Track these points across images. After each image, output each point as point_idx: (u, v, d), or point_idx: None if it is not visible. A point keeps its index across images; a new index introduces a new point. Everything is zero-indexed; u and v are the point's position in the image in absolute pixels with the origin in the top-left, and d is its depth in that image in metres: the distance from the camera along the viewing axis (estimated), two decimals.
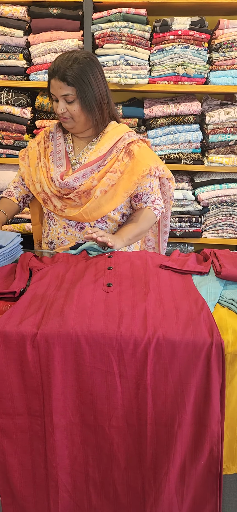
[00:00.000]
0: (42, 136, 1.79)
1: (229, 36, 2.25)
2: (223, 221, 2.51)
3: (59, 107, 1.60)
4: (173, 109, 2.35)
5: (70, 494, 1.13)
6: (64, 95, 1.57)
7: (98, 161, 1.63)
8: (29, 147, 1.79)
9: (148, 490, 1.12)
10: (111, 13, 2.24)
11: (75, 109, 1.60)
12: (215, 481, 1.10)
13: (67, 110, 1.60)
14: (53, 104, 1.65)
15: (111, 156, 1.65)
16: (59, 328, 1.08)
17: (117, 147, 1.66)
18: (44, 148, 1.75)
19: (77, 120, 1.63)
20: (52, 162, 1.70)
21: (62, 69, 1.55)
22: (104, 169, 1.64)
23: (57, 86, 1.57)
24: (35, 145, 1.78)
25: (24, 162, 1.79)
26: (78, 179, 1.62)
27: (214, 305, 1.19)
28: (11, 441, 1.12)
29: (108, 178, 1.63)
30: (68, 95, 1.57)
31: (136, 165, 1.64)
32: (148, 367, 1.06)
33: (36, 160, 1.74)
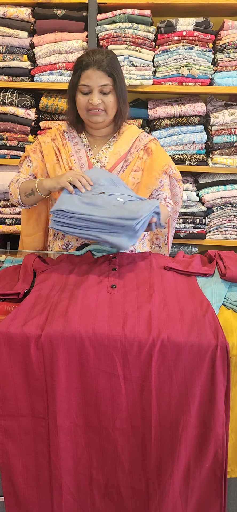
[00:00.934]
0: (55, 133, 1.74)
1: (233, 37, 2.24)
2: (227, 222, 2.50)
3: (96, 98, 1.58)
4: (178, 110, 2.35)
5: (74, 496, 1.13)
6: (102, 85, 1.58)
7: (120, 162, 1.67)
8: (42, 142, 1.72)
9: (152, 492, 1.11)
10: (115, 14, 2.24)
11: (111, 101, 1.61)
12: (220, 484, 1.09)
13: (102, 101, 1.60)
14: (81, 99, 1.61)
15: (133, 156, 1.69)
16: (63, 329, 1.07)
17: (137, 146, 1.70)
18: (62, 146, 1.70)
19: (110, 113, 1.63)
20: (75, 162, 1.67)
21: (101, 59, 1.56)
22: (128, 168, 1.67)
23: (95, 76, 1.57)
24: (49, 140, 1.72)
25: (36, 155, 1.72)
26: None
27: (219, 307, 1.18)
28: (15, 442, 1.11)
29: (133, 177, 1.67)
30: (106, 86, 1.58)
31: (154, 161, 1.68)
32: (152, 369, 1.05)
33: (54, 156, 1.69)
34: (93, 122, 1.64)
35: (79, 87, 1.60)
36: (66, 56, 2.31)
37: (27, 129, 2.40)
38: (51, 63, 2.32)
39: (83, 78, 1.58)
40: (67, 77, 2.33)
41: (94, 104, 1.58)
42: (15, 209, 2.52)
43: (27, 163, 1.75)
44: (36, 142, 1.76)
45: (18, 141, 2.43)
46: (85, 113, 1.63)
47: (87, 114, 1.63)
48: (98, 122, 1.64)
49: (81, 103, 1.62)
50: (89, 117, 1.63)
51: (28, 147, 1.76)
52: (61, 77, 2.34)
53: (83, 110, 1.63)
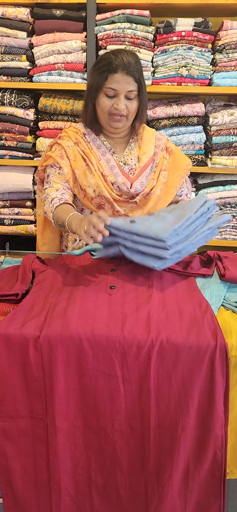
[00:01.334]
0: (76, 136, 1.67)
1: (233, 37, 2.24)
2: (226, 223, 2.50)
3: (122, 103, 1.55)
4: (177, 111, 2.34)
5: (73, 498, 1.13)
6: (129, 91, 1.55)
7: (151, 162, 1.67)
8: (66, 146, 1.63)
9: (151, 494, 1.11)
10: (114, 15, 2.24)
11: (134, 106, 1.60)
12: (219, 486, 1.09)
13: (126, 107, 1.58)
14: (105, 102, 1.57)
15: (159, 156, 1.70)
16: (62, 330, 1.07)
17: (158, 146, 1.71)
18: (89, 149, 1.65)
19: (131, 118, 1.62)
20: (105, 166, 1.64)
21: (129, 63, 1.53)
22: (158, 168, 1.68)
23: (124, 81, 1.54)
24: (72, 144, 1.65)
25: (64, 161, 1.62)
26: (143, 183, 1.65)
27: (218, 308, 1.18)
28: (14, 444, 1.11)
29: (163, 176, 1.68)
30: (132, 91, 1.56)
31: (177, 160, 1.71)
32: (151, 370, 1.05)
33: (82, 162, 1.63)
34: (114, 127, 1.62)
35: (105, 90, 1.56)
36: (65, 57, 2.31)
37: (26, 130, 2.40)
38: (50, 63, 2.32)
39: (111, 81, 1.54)
40: (66, 77, 2.33)
41: (119, 110, 1.56)
42: (14, 210, 2.52)
43: (56, 171, 1.65)
44: (59, 148, 1.66)
45: (17, 142, 2.42)
46: (107, 117, 1.60)
47: (109, 118, 1.60)
48: (119, 127, 1.63)
49: (105, 106, 1.58)
50: (111, 121, 1.61)
51: (51, 153, 1.66)
52: (60, 77, 2.33)
53: (105, 113, 1.60)
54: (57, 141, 1.69)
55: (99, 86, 1.57)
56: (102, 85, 1.57)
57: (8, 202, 2.51)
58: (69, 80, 2.34)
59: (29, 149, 2.44)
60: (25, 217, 2.52)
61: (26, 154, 2.45)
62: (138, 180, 1.63)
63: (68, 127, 1.75)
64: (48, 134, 2.41)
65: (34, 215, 2.51)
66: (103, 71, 1.55)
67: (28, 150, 2.44)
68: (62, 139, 1.69)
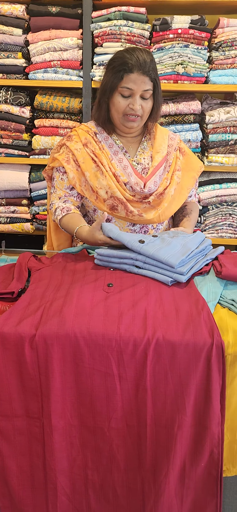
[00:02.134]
0: (86, 137, 1.64)
1: (229, 35, 2.24)
2: (222, 221, 2.50)
3: (137, 103, 1.54)
4: (173, 108, 2.34)
5: (69, 497, 1.12)
6: (144, 91, 1.54)
7: (164, 161, 1.66)
8: (74, 149, 1.61)
9: (147, 492, 1.11)
10: (110, 12, 2.23)
11: (149, 106, 1.58)
12: (215, 484, 1.09)
13: (141, 107, 1.56)
14: (121, 102, 1.55)
15: (172, 155, 1.69)
16: (58, 329, 1.06)
17: (171, 146, 1.70)
18: (100, 149, 1.62)
19: (145, 118, 1.61)
20: (117, 166, 1.61)
21: (145, 62, 1.51)
22: (172, 168, 1.68)
23: (140, 81, 1.52)
24: (80, 146, 1.62)
25: (70, 165, 1.61)
26: (157, 183, 1.63)
27: (215, 305, 1.18)
28: (9, 443, 1.10)
29: (177, 176, 1.67)
30: (148, 91, 1.55)
31: (189, 161, 1.72)
32: (147, 368, 1.05)
33: (92, 163, 1.60)
34: (128, 127, 1.60)
35: (120, 89, 1.54)
36: (60, 54, 2.30)
37: (21, 127, 2.39)
38: (46, 60, 2.31)
39: (127, 81, 1.52)
40: (62, 75, 2.32)
41: (135, 110, 1.54)
42: (9, 208, 2.51)
43: (59, 176, 1.64)
44: (67, 151, 1.63)
45: (13, 139, 2.41)
46: (121, 117, 1.58)
47: (123, 118, 1.58)
48: (133, 127, 1.61)
49: (121, 106, 1.56)
50: (125, 121, 1.59)
51: (58, 156, 1.63)
52: (56, 75, 2.32)
53: (120, 113, 1.57)
54: (66, 143, 1.66)
55: (114, 86, 1.54)
56: (118, 85, 1.54)
57: (4, 200, 2.50)
58: (65, 77, 2.33)
59: (25, 147, 2.43)
60: (21, 215, 2.52)
61: (22, 152, 2.44)
62: (152, 180, 1.61)
63: (80, 125, 1.73)
64: (44, 131, 2.40)
65: (30, 213, 2.50)
66: (119, 71, 1.52)
67: (24, 148, 2.43)
68: (71, 140, 1.65)
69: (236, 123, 2.33)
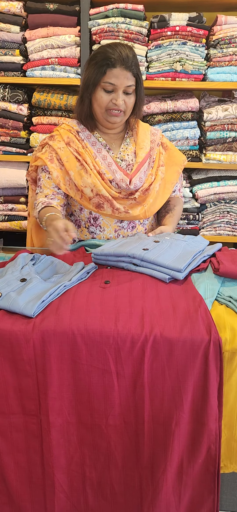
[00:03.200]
0: (68, 135, 1.63)
1: (227, 32, 2.24)
2: (220, 218, 2.50)
3: (120, 98, 1.54)
4: (171, 106, 2.34)
5: (67, 494, 1.12)
6: (127, 86, 1.54)
7: (148, 157, 1.66)
8: (57, 148, 1.60)
9: (145, 489, 1.11)
10: (108, 9, 2.23)
11: (131, 102, 1.59)
12: (213, 480, 1.09)
13: (124, 102, 1.56)
14: (103, 97, 1.54)
15: (155, 151, 1.69)
16: (55, 326, 1.06)
17: (154, 141, 1.71)
18: (83, 148, 1.60)
19: (128, 113, 1.61)
20: (101, 164, 1.60)
21: (129, 59, 1.52)
22: (156, 163, 1.68)
23: (123, 76, 1.52)
24: (63, 145, 1.61)
25: (54, 164, 1.59)
26: (142, 179, 1.63)
27: (212, 302, 1.18)
28: (6, 440, 1.10)
29: (161, 171, 1.68)
30: (131, 86, 1.55)
31: (172, 155, 1.72)
32: (145, 365, 1.05)
33: (76, 162, 1.58)
34: (111, 122, 1.60)
35: (103, 84, 1.53)
36: (58, 51, 2.29)
37: (19, 125, 2.38)
38: (44, 58, 2.30)
39: (109, 76, 1.51)
40: (60, 72, 2.32)
41: (118, 105, 1.54)
42: (7, 206, 2.50)
43: (46, 175, 1.62)
44: (50, 150, 1.62)
45: (11, 137, 2.41)
46: (104, 112, 1.58)
47: (106, 113, 1.58)
48: (116, 122, 1.61)
49: (103, 102, 1.55)
50: (108, 117, 1.58)
51: (40, 155, 1.62)
52: (53, 72, 2.32)
53: (102, 108, 1.57)
54: (48, 142, 1.65)
55: (97, 81, 1.54)
56: (100, 80, 1.53)
57: (2, 198, 2.50)
58: (62, 75, 2.32)
59: (23, 145, 2.42)
60: (19, 213, 2.51)
61: (20, 150, 2.44)
62: (137, 176, 1.61)
63: (61, 125, 1.71)
64: (42, 129, 2.40)
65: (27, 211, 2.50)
66: (101, 65, 1.52)
67: (22, 145, 2.43)
68: (53, 139, 1.64)
69: (234, 121, 2.33)
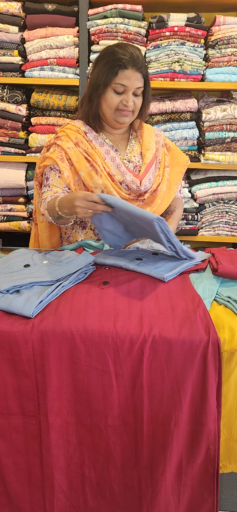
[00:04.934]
0: (76, 136, 1.61)
1: (225, 33, 2.24)
2: (219, 218, 2.50)
3: (131, 99, 1.55)
4: (169, 106, 2.34)
5: (66, 495, 1.12)
6: (137, 88, 1.55)
7: (154, 158, 1.67)
8: (66, 148, 1.58)
9: (144, 489, 1.11)
10: (106, 9, 2.23)
11: (140, 103, 1.60)
12: (212, 480, 1.09)
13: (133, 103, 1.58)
14: (114, 98, 1.54)
15: (160, 152, 1.70)
16: (54, 326, 1.06)
17: (158, 142, 1.72)
18: (92, 149, 1.60)
19: (136, 115, 1.63)
20: (111, 166, 1.60)
21: (139, 60, 1.53)
22: (162, 165, 1.69)
23: (134, 78, 1.52)
24: (72, 145, 1.59)
25: (65, 164, 1.57)
26: (151, 180, 1.64)
27: (211, 302, 1.18)
28: (5, 441, 1.10)
29: (167, 172, 1.69)
30: (140, 88, 1.56)
31: (176, 156, 1.72)
32: (144, 365, 1.05)
33: (86, 162, 1.57)
34: (120, 122, 1.60)
35: (114, 86, 1.53)
36: (57, 52, 2.29)
37: (18, 125, 2.38)
38: (42, 58, 2.30)
39: (121, 77, 1.51)
40: (58, 73, 2.32)
41: (128, 106, 1.55)
42: (6, 206, 2.50)
43: (56, 174, 1.60)
44: (59, 149, 1.60)
45: (9, 137, 2.41)
46: (113, 113, 1.58)
47: (115, 113, 1.58)
48: (125, 123, 1.62)
49: (113, 103, 1.55)
50: (117, 117, 1.58)
51: (50, 155, 1.60)
52: (52, 73, 2.32)
53: (112, 109, 1.57)
54: (56, 142, 1.62)
55: (108, 82, 1.53)
56: (111, 81, 1.53)
57: (1, 198, 2.50)
58: (61, 75, 2.32)
59: (22, 145, 2.42)
60: (18, 213, 2.51)
61: (19, 150, 2.43)
62: (146, 177, 1.62)
63: (66, 125, 1.69)
64: (41, 129, 2.40)
65: (26, 211, 2.50)
66: (113, 66, 1.51)
67: (21, 146, 2.42)
68: (60, 140, 1.62)
69: (232, 121, 2.34)
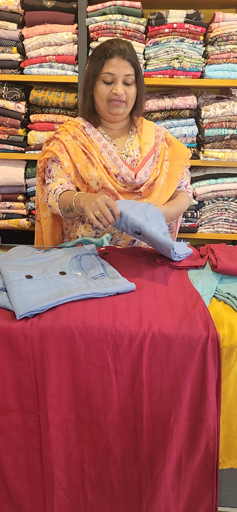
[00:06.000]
0: (74, 130, 1.64)
1: (224, 30, 2.24)
2: (218, 216, 2.50)
3: (120, 87, 1.56)
4: (169, 103, 2.34)
5: (66, 492, 1.13)
6: (126, 75, 1.56)
7: (152, 152, 1.67)
8: (64, 140, 1.61)
9: (144, 485, 1.11)
10: (105, 6, 2.22)
11: (132, 92, 1.60)
12: (212, 476, 1.09)
13: (124, 92, 1.58)
14: (103, 88, 1.57)
15: (160, 146, 1.70)
16: (53, 323, 1.06)
17: (158, 137, 1.72)
18: (89, 142, 1.63)
19: (130, 105, 1.62)
20: (107, 159, 1.62)
21: (125, 49, 1.55)
22: (161, 158, 1.69)
23: (121, 65, 1.55)
24: (70, 138, 1.63)
25: (64, 155, 1.60)
26: (147, 173, 1.64)
27: (210, 299, 1.18)
28: (5, 438, 1.10)
29: (166, 166, 1.69)
30: (130, 76, 1.57)
31: (176, 150, 1.71)
32: (143, 362, 1.05)
33: (83, 155, 1.60)
34: (114, 113, 1.61)
35: (102, 76, 1.56)
36: (56, 48, 2.29)
37: (17, 123, 2.38)
38: (41, 55, 2.30)
39: (108, 66, 1.55)
40: (57, 70, 2.31)
41: (118, 94, 1.56)
42: (5, 204, 2.50)
43: (58, 166, 1.63)
44: (58, 142, 1.63)
45: (8, 135, 2.40)
46: (106, 104, 1.60)
47: (108, 104, 1.59)
48: (119, 113, 1.62)
49: (104, 93, 1.57)
50: (110, 108, 1.60)
51: (49, 148, 1.64)
52: (51, 70, 2.31)
53: (104, 100, 1.59)
54: (55, 136, 1.66)
55: (96, 73, 1.57)
56: (99, 72, 1.56)
57: (0, 196, 2.49)
58: (60, 72, 2.32)
59: (21, 142, 2.42)
60: (17, 211, 2.51)
61: (18, 148, 2.43)
62: (142, 170, 1.63)
63: (67, 121, 1.72)
64: (40, 127, 2.40)
65: (26, 209, 2.50)
66: (99, 58, 1.56)
67: (20, 143, 2.42)
68: (59, 134, 1.66)
69: (231, 118, 2.33)
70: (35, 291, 1.13)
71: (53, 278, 1.19)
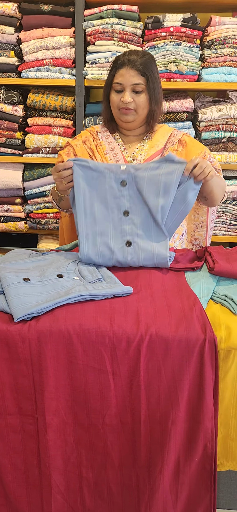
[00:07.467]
0: (86, 135, 1.77)
1: (221, 33, 2.25)
2: (216, 218, 2.51)
3: (127, 95, 1.61)
4: (166, 107, 2.35)
5: (64, 495, 1.12)
6: (134, 84, 1.61)
7: (158, 155, 1.69)
8: (74, 144, 1.75)
9: (142, 488, 1.11)
10: (102, 10, 2.23)
11: (142, 100, 1.64)
12: (210, 478, 1.09)
13: (133, 100, 1.62)
14: (114, 97, 1.65)
15: (169, 150, 1.71)
16: (51, 326, 1.06)
17: (171, 142, 1.73)
18: (95, 146, 1.73)
19: (140, 113, 1.66)
20: (110, 160, 1.69)
21: (135, 59, 1.61)
22: None
23: (128, 75, 1.61)
24: (80, 143, 1.75)
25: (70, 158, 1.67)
26: None
27: (207, 301, 1.19)
28: (3, 441, 1.10)
29: None
30: (139, 85, 1.61)
31: (190, 150, 1.72)
32: (141, 364, 1.05)
33: (88, 157, 1.70)
34: (123, 120, 1.67)
35: (113, 86, 1.65)
36: (53, 52, 2.29)
37: (14, 126, 2.38)
38: (38, 59, 2.30)
39: (117, 76, 1.63)
40: (55, 73, 2.32)
41: (125, 102, 1.61)
42: (3, 207, 2.50)
43: None
44: (69, 146, 1.77)
45: (6, 138, 2.41)
46: (117, 112, 1.66)
47: (119, 112, 1.66)
48: (128, 121, 1.66)
49: (114, 101, 1.66)
50: (121, 115, 1.66)
51: (61, 152, 1.78)
52: (48, 73, 2.32)
53: (115, 108, 1.66)
54: (69, 141, 1.80)
55: (109, 83, 1.67)
56: (111, 82, 1.66)
57: None
58: (57, 76, 2.33)
59: (18, 146, 2.42)
60: (15, 214, 2.51)
61: (15, 151, 2.43)
62: None
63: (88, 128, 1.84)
64: (37, 130, 2.40)
65: (23, 212, 2.50)
66: (112, 69, 1.66)
67: (17, 146, 2.42)
68: (74, 139, 1.80)
69: (228, 121, 2.34)
70: (33, 294, 1.13)
71: (51, 280, 1.19)
